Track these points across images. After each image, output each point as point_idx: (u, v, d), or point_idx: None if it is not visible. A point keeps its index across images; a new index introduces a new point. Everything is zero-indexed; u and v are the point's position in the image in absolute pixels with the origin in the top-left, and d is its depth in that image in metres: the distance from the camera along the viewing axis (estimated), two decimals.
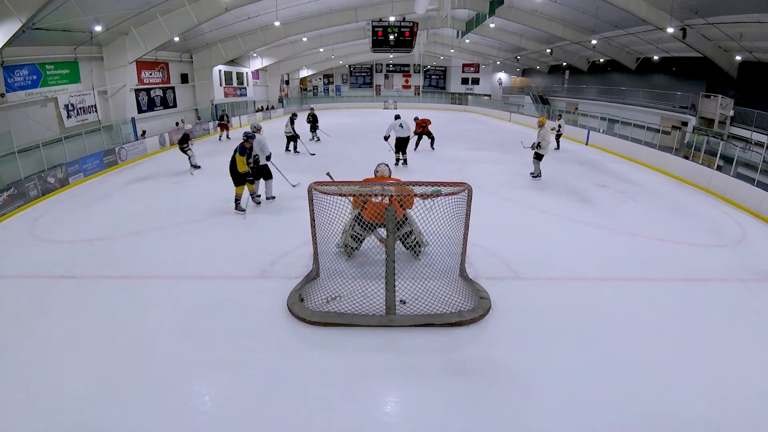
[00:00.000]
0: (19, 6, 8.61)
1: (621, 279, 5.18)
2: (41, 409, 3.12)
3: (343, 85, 38.19)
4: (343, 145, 15.21)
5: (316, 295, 4.48)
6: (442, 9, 18.96)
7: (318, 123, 15.93)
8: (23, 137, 10.14)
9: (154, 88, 17.30)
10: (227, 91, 22.60)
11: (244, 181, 7.40)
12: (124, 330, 4.10)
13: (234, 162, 7.16)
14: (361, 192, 4.40)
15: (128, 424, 2.99)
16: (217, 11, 13.71)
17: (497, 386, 3.36)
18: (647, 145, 14.05)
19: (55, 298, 4.76)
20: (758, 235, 7.16)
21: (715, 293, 5.01)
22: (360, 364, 3.60)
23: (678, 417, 3.10)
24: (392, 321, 4.09)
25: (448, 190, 4.24)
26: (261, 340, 3.95)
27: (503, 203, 8.14)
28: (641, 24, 14.91)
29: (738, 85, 15.61)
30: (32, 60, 11.49)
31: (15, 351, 3.79)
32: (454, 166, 11.62)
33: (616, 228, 7.02)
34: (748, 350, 3.91)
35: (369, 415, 3.11)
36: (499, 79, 35.43)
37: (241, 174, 7.22)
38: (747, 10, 11.91)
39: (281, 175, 8.34)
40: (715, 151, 11.13)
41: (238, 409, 3.13)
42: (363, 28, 22.20)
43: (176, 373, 3.50)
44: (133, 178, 10.89)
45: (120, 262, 5.60)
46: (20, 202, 8.31)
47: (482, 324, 4.15)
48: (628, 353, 3.81)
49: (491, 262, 5.50)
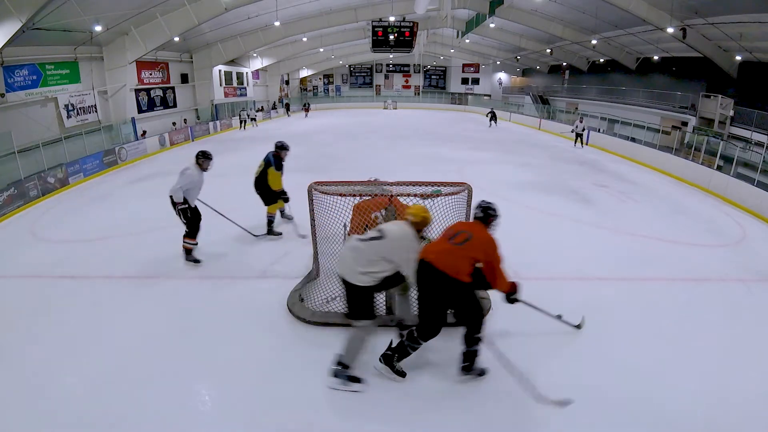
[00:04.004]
0: (19, 6, 8.62)
1: (621, 279, 5.18)
2: (41, 409, 3.12)
3: (343, 85, 38.18)
4: (342, 145, 15.29)
5: (316, 295, 4.48)
6: (442, 9, 18.96)
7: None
8: (23, 137, 10.14)
9: (154, 88, 17.31)
10: (227, 91, 22.59)
11: (277, 199, 6.24)
12: (124, 330, 4.09)
13: (264, 177, 6.04)
14: (360, 192, 4.39)
15: (128, 424, 2.98)
16: (217, 11, 13.72)
17: (497, 386, 3.36)
18: (647, 145, 14.07)
19: (55, 298, 4.76)
20: (758, 235, 7.17)
21: (715, 293, 5.01)
22: (360, 364, 3.60)
23: (678, 417, 3.10)
24: (392, 321, 4.09)
25: (448, 190, 4.25)
26: (261, 340, 3.95)
27: (503, 203, 8.01)
28: (641, 24, 14.90)
29: (738, 85, 15.60)
30: (32, 60, 11.49)
31: (15, 351, 3.79)
32: (454, 166, 11.62)
33: (616, 228, 7.02)
34: (748, 350, 3.92)
35: (369, 415, 3.11)
36: (499, 79, 35.42)
37: (276, 192, 6.08)
38: (747, 10, 11.90)
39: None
40: (715, 151, 11.14)
41: (238, 409, 3.13)
42: (363, 28, 22.21)
43: (176, 373, 3.50)
44: (133, 178, 10.89)
45: (120, 262, 5.60)
46: (20, 202, 8.32)
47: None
48: (627, 353, 3.81)
49: None
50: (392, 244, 3.07)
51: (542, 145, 16.59)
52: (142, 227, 6.92)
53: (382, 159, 12.60)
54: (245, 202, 6.73)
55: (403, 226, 3.19)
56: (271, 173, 5.99)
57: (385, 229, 3.16)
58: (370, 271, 3.03)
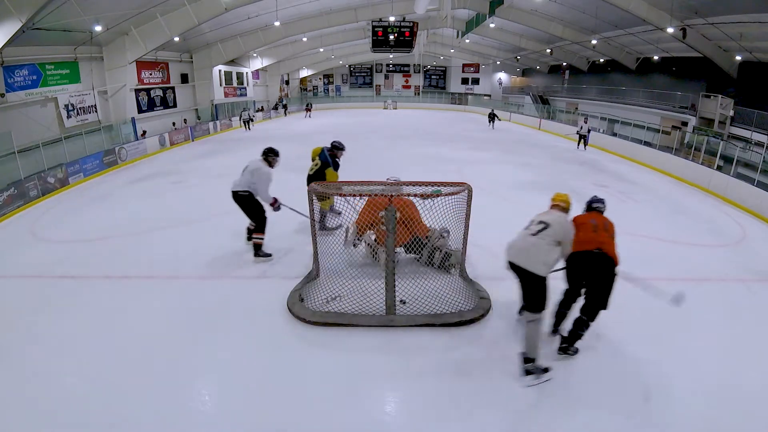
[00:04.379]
0: (19, 6, 8.62)
1: (621, 279, 5.17)
2: (41, 409, 3.11)
3: (343, 85, 38.19)
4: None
5: (316, 295, 4.48)
6: (442, 9, 18.95)
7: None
8: (23, 137, 10.14)
9: (154, 88, 17.31)
10: (227, 91, 22.60)
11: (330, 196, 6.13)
12: (124, 330, 4.09)
13: (321, 176, 6.24)
14: (360, 192, 4.40)
15: (128, 424, 2.98)
16: (217, 11, 13.72)
17: (497, 386, 3.36)
18: (647, 145, 14.06)
19: (55, 298, 4.76)
20: (758, 235, 7.17)
21: (715, 293, 5.01)
22: (360, 364, 3.60)
23: (678, 416, 3.10)
24: (392, 321, 4.09)
25: (448, 190, 4.25)
26: (261, 340, 3.95)
27: (503, 203, 8.12)
28: (641, 24, 14.91)
29: (738, 85, 15.61)
30: (32, 60, 11.50)
31: (15, 351, 3.79)
32: (454, 166, 11.62)
33: (616, 228, 7.01)
34: (749, 350, 3.92)
35: (369, 415, 3.11)
36: (499, 79, 35.43)
37: None
38: (747, 10, 11.91)
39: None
40: (715, 151, 11.15)
41: (237, 409, 3.12)
42: (363, 28, 22.22)
43: (176, 372, 3.50)
44: (133, 178, 10.89)
45: (120, 262, 5.60)
46: (20, 202, 8.31)
47: (482, 324, 4.16)
48: (627, 353, 3.81)
49: (491, 262, 5.49)
50: (559, 228, 3.41)
51: (542, 145, 16.58)
52: (142, 227, 6.91)
53: (382, 159, 12.59)
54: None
55: (558, 212, 3.61)
56: (330, 173, 6.21)
57: (545, 219, 3.47)
58: (548, 261, 3.32)
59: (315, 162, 6.32)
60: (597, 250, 3.46)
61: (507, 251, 3.44)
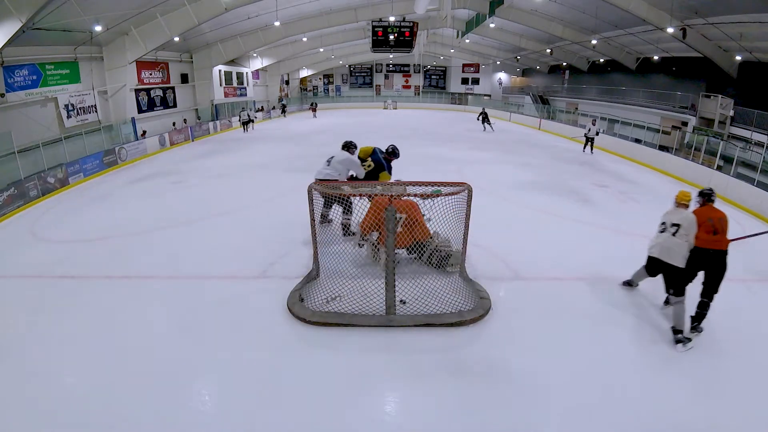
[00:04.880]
0: (19, 6, 8.61)
1: (621, 279, 5.17)
2: (41, 408, 3.12)
3: (343, 85, 38.17)
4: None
5: (316, 295, 4.48)
6: (442, 9, 18.95)
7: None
8: (23, 137, 10.14)
9: (154, 88, 17.30)
10: (227, 91, 22.59)
11: None
12: (124, 330, 4.10)
13: (374, 177, 6.38)
14: (359, 192, 4.40)
15: (128, 424, 2.99)
16: (217, 11, 13.71)
17: (497, 386, 3.37)
18: (647, 145, 14.06)
19: (55, 298, 4.76)
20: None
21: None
22: (360, 364, 3.61)
23: (678, 417, 3.10)
24: (392, 321, 4.09)
25: (448, 190, 4.25)
26: (261, 340, 3.95)
27: (503, 203, 8.13)
28: (641, 24, 14.90)
29: (738, 85, 15.61)
30: (32, 60, 11.49)
31: (15, 351, 3.79)
32: (454, 166, 11.62)
33: (616, 228, 7.02)
34: (748, 350, 3.92)
35: (369, 415, 3.11)
36: (499, 79, 35.42)
37: None
38: (747, 10, 11.90)
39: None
40: (715, 151, 11.14)
41: (238, 409, 3.13)
42: (363, 28, 22.21)
43: (176, 372, 3.50)
44: (133, 178, 10.89)
45: (120, 262, 5.60)
46: (20, 202, 8.32)
47: (482, 324, 4.16)
48: (627, 353, 3.82)
49: (491, 262, 5.50)
50: (688, 226, 4.00)
51: (542, 145, 16.58)
52: (142, 227, 6.91)
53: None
54: (243, 202, 6.73)
55: (683, 210, 4.14)
56: (384, 176, 6.44)
57: (677, 221, 4.06)
58: (685, 255, 3.99)
59: (367, 162, 6.45)
60: (716, 249, 3.97)
61: (650, 249, 4.21)
